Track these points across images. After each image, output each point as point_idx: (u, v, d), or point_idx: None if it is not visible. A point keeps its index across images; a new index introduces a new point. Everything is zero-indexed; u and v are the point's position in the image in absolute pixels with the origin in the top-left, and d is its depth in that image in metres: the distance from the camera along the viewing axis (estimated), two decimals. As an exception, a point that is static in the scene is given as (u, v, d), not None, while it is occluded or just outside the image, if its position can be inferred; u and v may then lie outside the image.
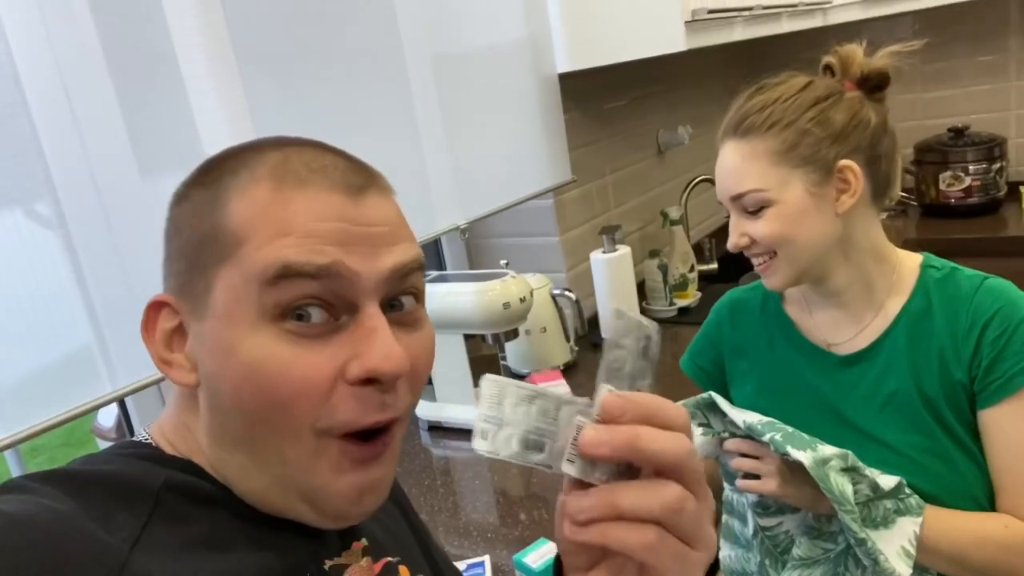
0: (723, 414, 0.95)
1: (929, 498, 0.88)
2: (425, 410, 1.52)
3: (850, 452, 0.87)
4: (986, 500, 0.91)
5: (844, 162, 0.92)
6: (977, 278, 0.93)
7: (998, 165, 2.27)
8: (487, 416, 0.38)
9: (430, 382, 1.50)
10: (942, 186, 2.31)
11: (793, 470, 0.89)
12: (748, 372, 1.06)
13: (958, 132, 2.32)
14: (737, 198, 0.94)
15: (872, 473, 0.87)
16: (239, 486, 0.49)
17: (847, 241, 0.94)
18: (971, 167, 2.26)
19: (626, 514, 0.38)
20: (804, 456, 0.84)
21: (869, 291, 0.96)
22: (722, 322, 1.10)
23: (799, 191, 0.91)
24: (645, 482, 0.39)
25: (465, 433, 1.47)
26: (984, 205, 2.28)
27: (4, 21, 0.88)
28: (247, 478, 0.49)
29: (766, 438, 0.88)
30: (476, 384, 1.46)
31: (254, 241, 0.46)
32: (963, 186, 2.28)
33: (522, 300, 1.38)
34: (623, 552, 0.39)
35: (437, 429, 1.51)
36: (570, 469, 0.39)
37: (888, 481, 0.86)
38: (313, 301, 0.45)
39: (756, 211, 0.93)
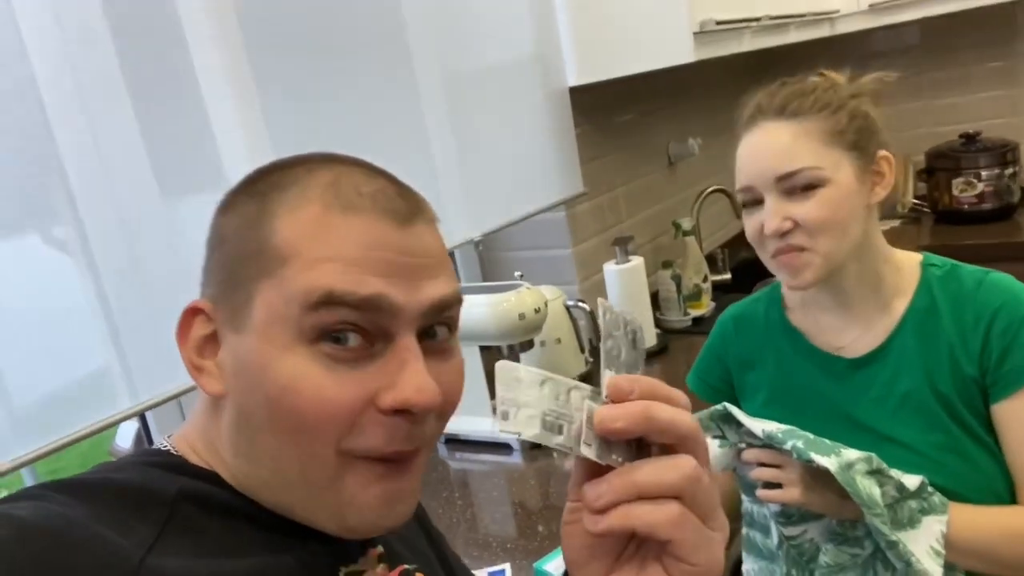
0: (738, 425, 0.94)
1: (950, 495, 0.88)
2: (442, 423, 1.53)
3: (873, 455, 0.86)
4: (1007, 493, 0.90)
5: (883, 152, 0.93)
6: (979, 273, 0.93)
7: (1011, 170, 2.26)
8: (504, 398, 0.39)
9: (446, 395, 1.51)
10: (955, 192, 2.30)
11: (815, 476, 0.88)
12: (758, 384, 1.05)
13: (970, 138, 2.31)
14: (786, 177, 0.90)
15: (896, 474, 0.86)
16: (263, 498, 0.50)
17: (864, 238, 0.94)
18: (983, 173, 2.26)
19: (646, 490, 0.39)
20: (830, 462, 0.84)
21: (877, 291, 0.96)
22: (727, 337, 1.09)
23: (850, 175, 0.91)
24: (662, 457, 0.40)
25: (483, 445, 1.48)
26: (998, 211, 2.27)
27: (27, 45, 0.90)
28: (271, 493, 0.49)
29: (788, 446, 0.87)
30: (492, 397, 1.47)
31: (299, 261, 0.46)
32: (976, 192, 2.28)
33: (537, 311, 1.39)
34: (648, 531, 0.39)
35: (454, 442, 1.52)
36: (588, 452, 0.40)
37: (912, 481, 0.86)
38: (351, 327, 0.46)
39: (807, 191, 0.89)
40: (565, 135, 1.79)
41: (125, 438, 1.73)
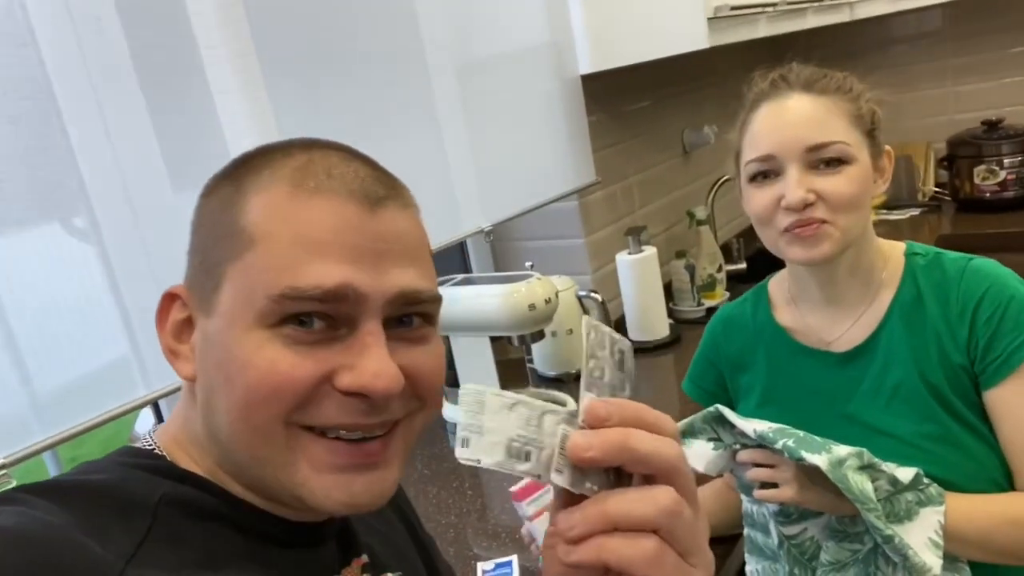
0: (731, 426, 0.93)
1: (947, 485, 0.87)
2: (452, 412, 1.53)
3: (865, 449, 0.85)
4: (1004, 480, 0.89)
5: (887, 147, 0.94)
6: (962, 260, 0.92)
7: (1034, 158, 2.22)
8: (466, 424, 0.37)
9: (456, 384, 1.51)
10: (976, 180, 2.26)
11: (810, 474, 0.87)
12: (751, 385, 1.05)
13: (992, 125, 2.27)
14: (817, 148, 0.88)
15: (889, 467, 0.85)
16: (238, 488, 0.50)
17: (865, 227, 0.94)
18: (1006, 160, 2.22)
19: (621, 523, 0.36)
20: (820, 459, 0.83)
21: (867, 283, 0.96)
22: (717, 341, 1.09)
23: (867, 160, 0.91)
24: (639, 488, 0.37)
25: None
26: (1020, 199, 2.23)
27: (39, 37, 0.91)
28: (242, 478, 0.49)
29: (779, 445, 0.87)
30: (504, 386, 1.47)
31: (265, 244, 0.46)
32: (998, 180, 2.23)
33: (548, 302, 1.39)
34: (621, 567, 0.36)
35: (465, 432, 1.52)
36: (559, 480, 0.37)
37: (906, 474, 0.85)
38: (315, 315, 0.46)
39: (833, 166, 0.88)
40: (578, 123, 1.77)
41: (145, 425, 1.75)
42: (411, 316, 0.49)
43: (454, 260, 1.94)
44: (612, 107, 1.94)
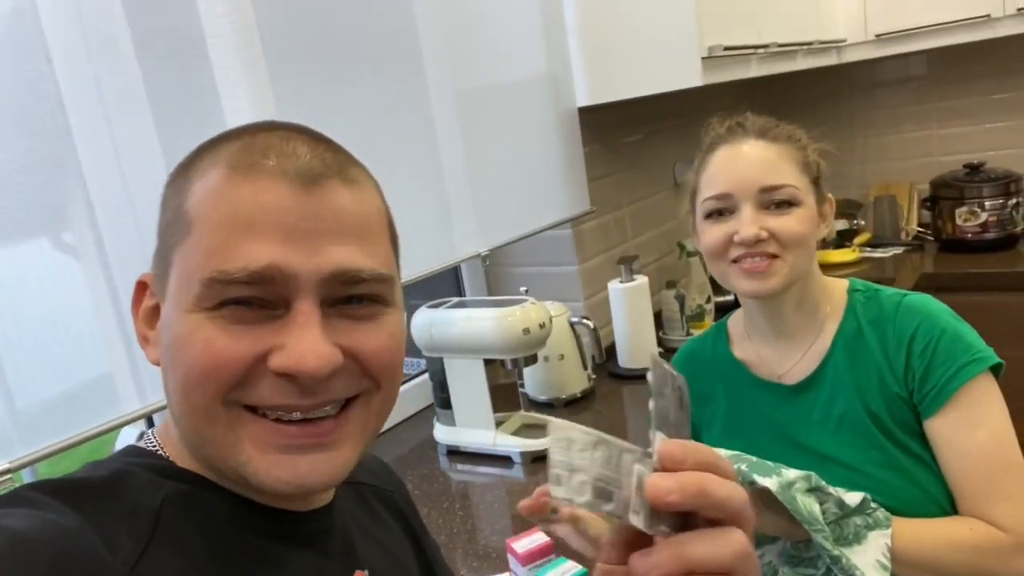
0: None
1: (894, 510, 0.91)
2: (444, 434, 1.54)
3: (813, 473, 0.89)
4: (949, 505, 0.93)
5: (830, 196, 1.02)
6: (897, 296, 0.99)
7: (1014, 201, 2.28)
8: (558, 461, 0.37)
9: (448, 406, 1.52)
10: (958, 221, 2.32)
11: (764, 499, 0.89)
12: (712, 417, 1.09)
13: (974, 168, 2.33)
14: (770, 190, 0.95)
15: (837, 492, 0.89)
16: (210, 474, 0.50)
17: (810, 266, 1.02)
18: (987, 203, 2.28)
19: (699, 566, 0.36)
20: (770, 482, 0.86)
21: (812, 317, 1.02)
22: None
23: (813, 204, 0.99)
24: (713, 531, 0.37)
25: (483, 457, 1.49)
26: (1001, 240, 2.29)
27: (52, 54, 0.93)
28: (208, 462, 0.49)
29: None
30: (496, 410, 1.49)
31: (200, 228, 0.46)
32: (979, 221, 2.30)
33: (541, 326, 1.41)
34: None
35: (456, 453, 1.53)
36: (636, 521, 0.37)
37: (853, 498, 0.88)
38: (250, 298, 0.46)
39: (783, 207, 0.96)
40: (574, 154, 1.82)
41: (126, 442, 1.74)
42: (360, 299, 0.48)
43: (448, 284, 1.96)
44: (607, 139, 1.99)
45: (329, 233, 0.46)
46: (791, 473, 0.88)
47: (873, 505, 0.90)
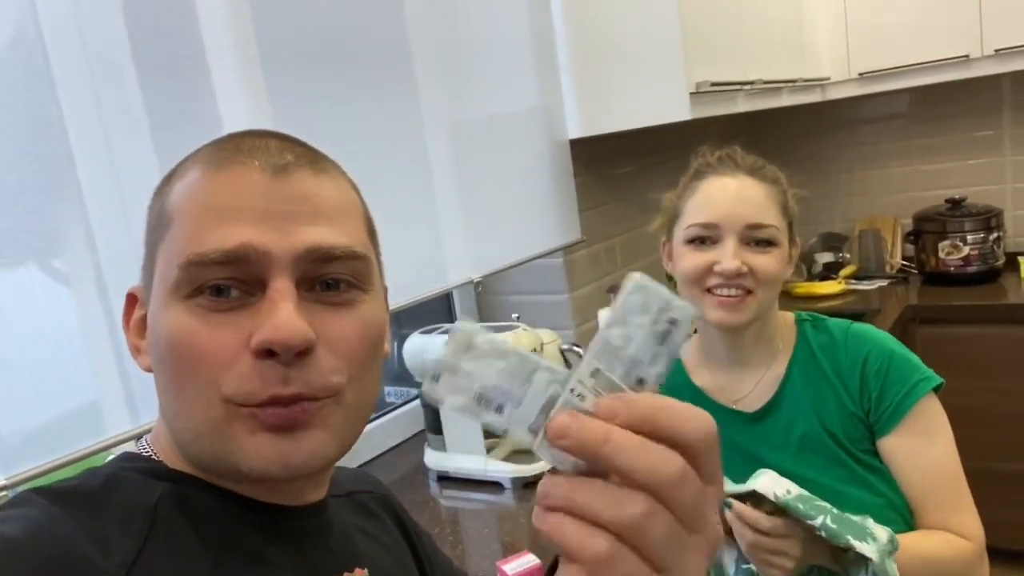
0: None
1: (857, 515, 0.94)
2: (434, 460, 1.55)
3: (891, 531, 0.90)
4: (908, 512, 0.99)
5: (798, 240, 1.08)
6: (844, 324, 1.06)
7: (995, 235, 2.33)
8: (442, 360, 0.34)
9: (439, 431, 1.53)
10: (941, 254, 2.37)
11: (808, 536, 0.90)
12: None
13: (955, 203, 2.39)
14: (755, 228, 0.99)
15: (886, 533, 0.90)
16: (201, 474, 0.50)
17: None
18: (969, 237, 2.33)
19: (584, 516, 0.32)
20: (869, 550, 0.86)
21: (769, 347, 1.07)
22: None
23: (787, 245, 1.04)
24: (611, 488, 0.32)
25: (473, 483, 1.49)
26: (983, 273, 2.33)
27: (56, 78, 0.95)
28: (200, 463, 0.50)
29: (817, 523, 0.88)
30: (487, 435, 1.49)
31: (178, 221, 0.48)
32: (961, 255, 2.34)
33: (534, 351, 1.42)
34: (569, 557, 0.32)
35: (446, 479, 1.53)
36: (529, 441, 0.34)
37: (882, 533, 0.90)
38: (227, 280, 0.46)
39: (763, 246, 1.00)
40: (565, 184, 1.85)
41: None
42: (336, 280, 0.49)
43: (440, 312, 1.98)
44: (598, 170, 2.03)
45: (301, 215, 0.48)
46: (880, 532, 0.88)
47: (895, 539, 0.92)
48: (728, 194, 1.01)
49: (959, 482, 0.98)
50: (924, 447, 0.97)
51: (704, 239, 1.01)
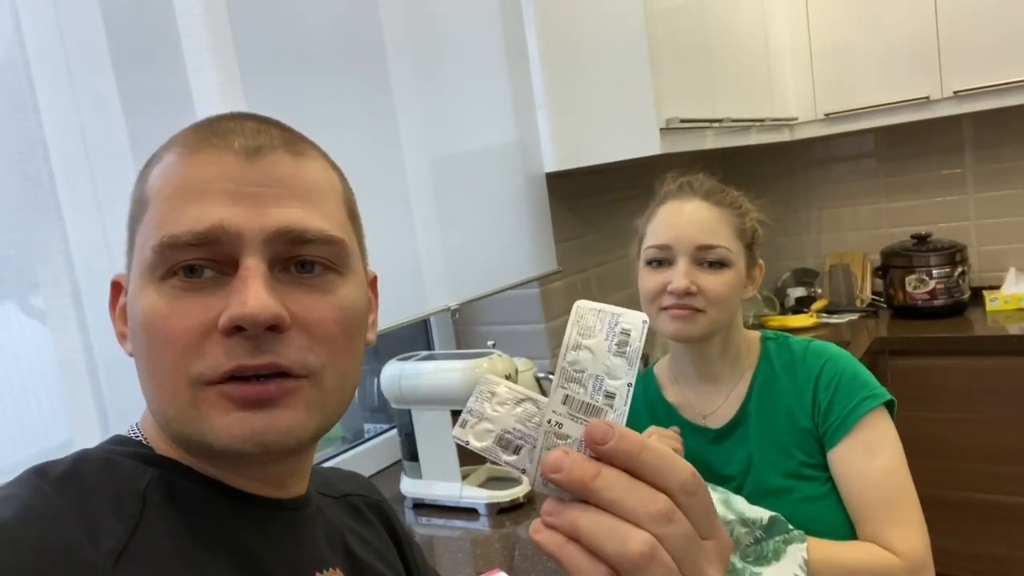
0: None
1: (813, 532, 0.98)
2: (411, 487, 1.55)
3: (733, 497, 0.98)
4: (853, 527, 1.03)
5: (760, 262, 1.13)
6: (804, 342, 1.11)
7: (960, 270, 2.40)
8: (470, 408, 0.38)
9: (415, 459, 1.53)
10: (908, 288, 2.43)
11: None
12: None
13: (921, 239, 2.46)
14: (705, 248, 1.04)
15: (738, 510, 0.96)
16: (182, 456, 0.51)
17: (733, 320, 1.11)
18: (935, 271, 2.39)
19: (586, 544, 0.34)
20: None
21: (735, 364, 1.12)
22: None
23: (742, 268, 1.08)
24: (615, 520, 0.34)
25: (449, 510, 1.49)
26: (949, 307, 2.39)
27: (40, 104, 0.97)
28: (178, 444, 0.50)
29: None
30: (462, 462, 1.50)
31: (154, 202, 0.49)
32: (928, 288, 2.40)
33: (508, 378, 1.45)
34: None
35: (422, 506, 1.53)
36: (534, 480, 0.37)
37: (758, 512, 0.96)
38: (199, 262, 0.47)
39: (714, 267, 1.04)
40: (541, 216, 1.89)
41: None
42: (311, 262, 0.49)
43: (418, 340, 1.99)
44: (574, 203, 2.08)
45: (274, 196, 0.48)
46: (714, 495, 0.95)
47: (790, 526, 0.97)
48: (682, 217, 1.07)
49: (901, 497, 1.00)
50: (865, 461, 1.00)
51: (660, 260, 1.07)
